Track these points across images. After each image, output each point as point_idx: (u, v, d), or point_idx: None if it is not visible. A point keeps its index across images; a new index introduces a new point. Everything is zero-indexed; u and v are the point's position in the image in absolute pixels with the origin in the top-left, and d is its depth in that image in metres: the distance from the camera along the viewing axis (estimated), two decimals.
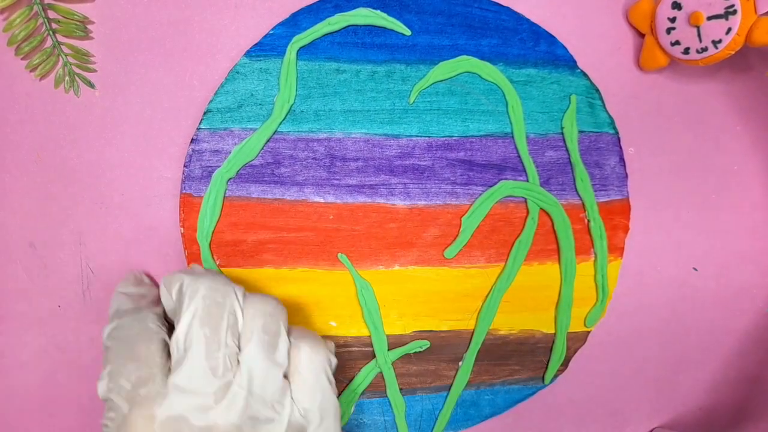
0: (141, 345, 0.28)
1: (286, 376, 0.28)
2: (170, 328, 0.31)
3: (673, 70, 0.40)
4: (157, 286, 0.35)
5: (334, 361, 0.30)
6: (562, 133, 0.38)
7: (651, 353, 0.41)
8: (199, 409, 0.26)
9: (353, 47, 0.36)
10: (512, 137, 0.37)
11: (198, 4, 0.35)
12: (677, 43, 0.36)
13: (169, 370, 0.28)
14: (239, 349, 0.28)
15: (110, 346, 0.29)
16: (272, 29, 0.35)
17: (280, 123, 0.35)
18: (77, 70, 0.35)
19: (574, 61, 0.37)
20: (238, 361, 0.27)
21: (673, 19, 0.36)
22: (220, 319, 0.27)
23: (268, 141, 0.35)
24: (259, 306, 0.28)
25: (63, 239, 0.36)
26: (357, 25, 0.35)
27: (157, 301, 0.33)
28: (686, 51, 0.36)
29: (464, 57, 0.36)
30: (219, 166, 0.35)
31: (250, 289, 0.36)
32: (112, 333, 0.29)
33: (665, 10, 0.36)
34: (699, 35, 0.35)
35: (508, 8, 0.36)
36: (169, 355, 0.28)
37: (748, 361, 0.42)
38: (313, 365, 0.29)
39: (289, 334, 0.29)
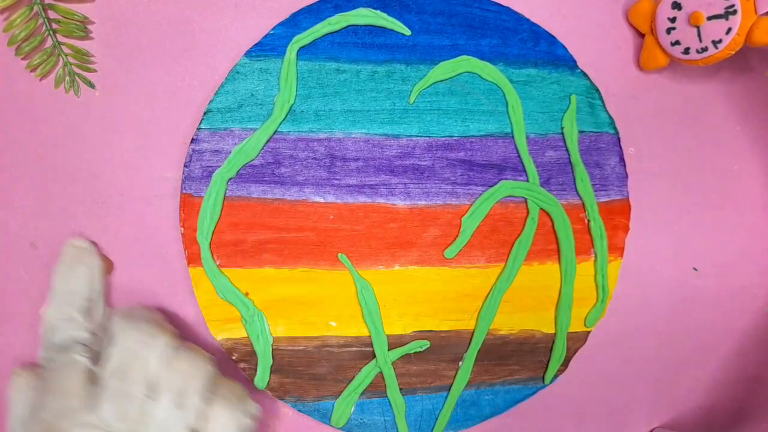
0: (64, 379, 0.30)
1: None
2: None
3: (673, 70, 0.40)
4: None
5: (251, 426, 0.31)
6: (562, 133, 0.38)
7: (651, 353, 0.41)
8: None
9: (353, 47, 0.36)
10: (512, 137, 0.37)
11: (198, 4, 0.36)
12: (677, 43, 0.36)
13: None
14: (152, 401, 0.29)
15: (44, 374, 0.31)
16: (272, 29, 0.35)
17: (281, 123, 0.35)
18: (77, 70, 0.35)
19: (574, 61, 0.37)
20: (149, 412, 0.29)
21: (673, 19, 0.36)
22: (131, 371, 0.29)
23: (268, 141, 0.35)
24: (175, 363, 0.30)
25: (63, 239, 0.35)
26: (357, 25, 0.35)
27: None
28: (686, 51, 0.36)
29: (464, 57, 0.36)
30: (219, 166, 0.35)
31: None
32: (44, 362, 0.32)
33: (665, 10, 0.36)
34: (699, 35, 0.35)
35: (508, 8, 0.36)
36: (92, 382, 0.30)
37: (748, 361, 0.42)
38: (221, 430, 0.30)
39: (208, 390, 0.31)
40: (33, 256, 0.36)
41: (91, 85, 0.35)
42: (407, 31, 0.36)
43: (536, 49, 0.37)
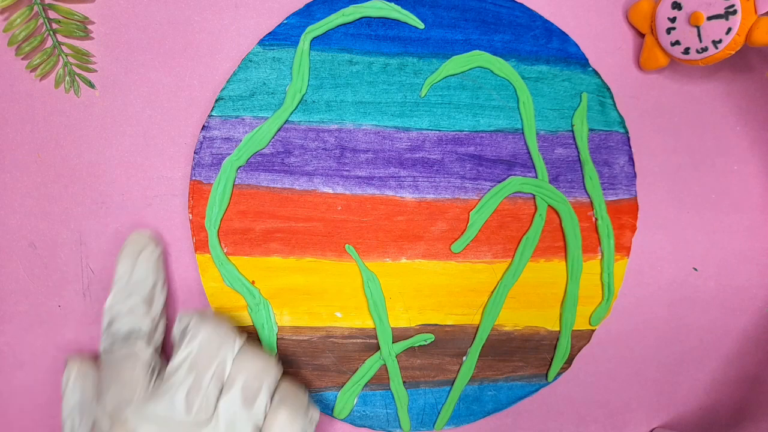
0: (127, 369, 0.30)
1: None
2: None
3: (673, 70, 0.40)
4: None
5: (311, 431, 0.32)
6: (572, 131, 0.38)
7: (651, 353, 0.41)
8: None
9: (366, 39, 0.36)
10: (522, 133, 0.37)
11: (198, 4, 0.36)
12: (677, 43, 0.37)
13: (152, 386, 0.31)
14: (221, 396, 0.30)
15: (103, 363, 0.32)
16: (286, 19, 0.35)
17: (292, 112, 0.35)
18: (77, 70, 0.35)
19: (586, 59, 0.38)
20: (217, 407, 0.30)
21: (673, 19, 0.36)
22: (208, 367, 0.30)
23: (279, 130, 0.35)
24: (248, 362, 0.30)
25: (63, 239, 0.35)
26: (371, 17, 0.36)
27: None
28: (686, 51, 0.36)
29: (477, 52, 0.36)
30: (229, 154, 0.35)
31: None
32: (104, 353, 0.32)
33: (665, 10, 0.37)
34: (699, 35, 0.35)
35: (521, 4, 0.37)
36: (152, 373, 0.31)
37: (748, 361, 0.42)
38: None
39: (274, 392, 0.31)
40: (33, 256, 0.35)
41: (91, 85, 0.35)
42: (421, 25, 0.36)
43: (548, 46, 0.37)
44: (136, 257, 0.33)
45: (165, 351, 0.35)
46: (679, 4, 0.36)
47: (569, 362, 0.39)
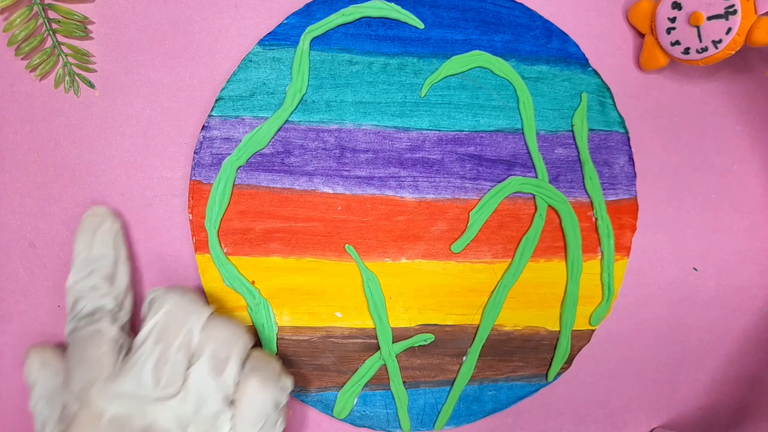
0: (92, 348, 0.30)
1: (233, 402, 0.30)
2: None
3: (673, 70, 0.40)
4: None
5: (284, 401, 0.31)
6: (572, 131, 0.38)
7: (651, 353, 0.41)
8: (141, 410, 0.29)
9: (366, 39, 0.36)
10: (522, 133, 0.37)
11: (198, 4, 0.36)
12: (677, 43, 0.37)
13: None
14: (189, 367, 0.30)
15: (69, 345, 0.31)
16: (286, 19, 0.35)
17: (292, 112, 0.35)
18: (77, 70, 0.35)
19: (586, 59, 0.38)
20: (186, 379, 0.29)
21: (673, 19, 0.36)
22: (175, 337, 0.29)
23: (278, 130, 0.35)
24: (216, 331, 0.30)
25: (63, 239, 0.35)
26: (371, 17, 0.36)
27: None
28: (686, 51, 0.36)
29: (477, 52, 0.36)
30: (229, 154, 0.35)
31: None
32: (70, 334, 0.31)
33: (665, 10, 0.37)
34: (699, 35, 0.35)
35: (521, 4, 0.37)
36: (120, 351, 0.31)
37: (748, 361, 0.42)
38: (255, 402, 0.30)
39: (244, 362, 0.31)
40: (33, 256, 0.35)
41: (91, 85, 0.35)
42: (421, 25, 0.36)
43: (548, 46, 0.37)
44: (93, 233, 0.33)
45: (135, 330, 0.34)
46: (679, 4, 0.36)
47: (569, 362, 0.39)
